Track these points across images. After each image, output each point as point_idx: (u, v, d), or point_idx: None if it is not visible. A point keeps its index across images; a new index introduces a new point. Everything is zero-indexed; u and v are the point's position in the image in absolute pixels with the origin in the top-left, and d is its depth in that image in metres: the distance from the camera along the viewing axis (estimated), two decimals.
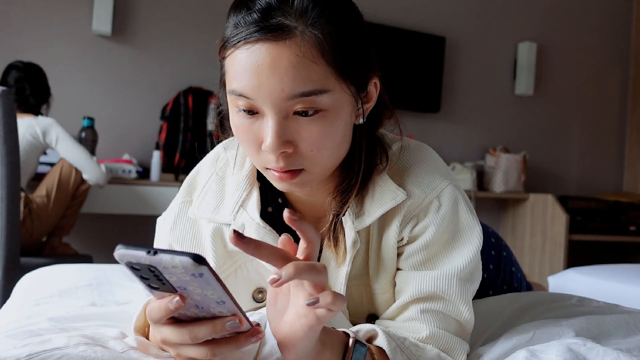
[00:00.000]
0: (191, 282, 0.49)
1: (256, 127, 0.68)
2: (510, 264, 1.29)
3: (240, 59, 0.65)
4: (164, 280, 0.50)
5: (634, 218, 3.81)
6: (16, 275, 1.58)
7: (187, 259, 0.47)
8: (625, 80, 4.44)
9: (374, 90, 0.75)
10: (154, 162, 2.78)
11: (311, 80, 0.64)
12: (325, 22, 0.65)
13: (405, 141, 0.82)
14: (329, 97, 0.66)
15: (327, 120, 0.67)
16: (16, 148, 1.84)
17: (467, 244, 0.76)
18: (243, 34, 0.65)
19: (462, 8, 3.88)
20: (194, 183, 0.87)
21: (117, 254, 0.48)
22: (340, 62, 0.66)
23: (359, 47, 0.70)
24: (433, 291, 0.74)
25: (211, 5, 3.17)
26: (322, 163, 0.70)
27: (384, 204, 0.75)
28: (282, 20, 0.64)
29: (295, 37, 0.64)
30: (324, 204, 0.78)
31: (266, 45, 0.64)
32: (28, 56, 2.86)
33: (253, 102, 0.66)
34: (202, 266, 0.47)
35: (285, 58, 0.63)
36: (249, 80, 0.65)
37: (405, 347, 0.70)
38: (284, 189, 0.75)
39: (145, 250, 0.48)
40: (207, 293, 0.51)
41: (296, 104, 0.65)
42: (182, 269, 0.48)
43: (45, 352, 0.62)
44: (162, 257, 0.47)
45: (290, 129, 0.66)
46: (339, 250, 0.77)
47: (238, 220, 0.80)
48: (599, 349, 0.70)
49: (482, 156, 3.87)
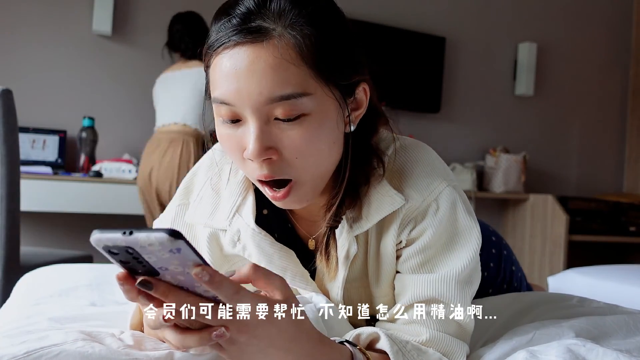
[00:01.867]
0: (171, 260, 0.48)
1: (239, 135, 0.67)
2: (510, 262, 1.29)
3: (221, 65, 0.65)
4: (143, 262, 0.49)
5: (634, 219, 3.81)
6: (16, 275, 1.58)
7: (163, 235, 0.45)
8: (625, 80, 4.43)
9: (363, 96, 0.73)
10: None
11: (290, 83, 0.63)
12: (304, 24, 0.64)
13: (401, 141, 0.80)
14: (310, 101, 0.65)
15: (310, 125, 0.65)
16: (16, 148, 1.84)
17: (466, 246, 0.76)
18: (222, 39, 0.64)
19: (462, 8, 3.88)
20: (191, 185, 0.86)
21: (93, 238, 0.47)
22: (320, 65, 0.65)
23: (341, 50, 0.68)
24: (432, 294, 0.74)
25: (211, 6, 3.16)
26: (310, 172, 0.69)
27: (382, 209, 0.75)
28: (260, 23, 0.64)
29: (272, 39, 0.63)
30: (320, 208, 0.78)
31: (244, 48, 0.63)
32: (29, 55, 2.86)
33: (234, 108, 0.65)
34: (178, 240, 0.46)
35: (263, 60, 0.63)
36: (229, 85, 0.64)
37: (407, 350, 0.70)
38: (283, 207, 0.74)
39: (121, 232, 0.46)
40: (190, 271, 0.49)
41: (276, 108, 0.64)
42: (159, 246, 0.46)
43: (43, 349, 0.61)
44: (138, 236, 0.46)
45: (272, 134, 0.65)
46: (330, 264, 0.77)
47: (233, 226, 0.79)
48: (598, 349, 0.70)
49: (482, 156, 3.87)
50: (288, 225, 0.84)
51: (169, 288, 0.51)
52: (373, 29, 3.49)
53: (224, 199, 0.82)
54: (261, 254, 0.79)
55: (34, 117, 2.82)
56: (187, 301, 0.52)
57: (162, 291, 0.51)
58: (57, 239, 2.91)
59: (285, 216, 0.84)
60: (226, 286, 0.51)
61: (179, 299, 0.51)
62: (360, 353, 0.66)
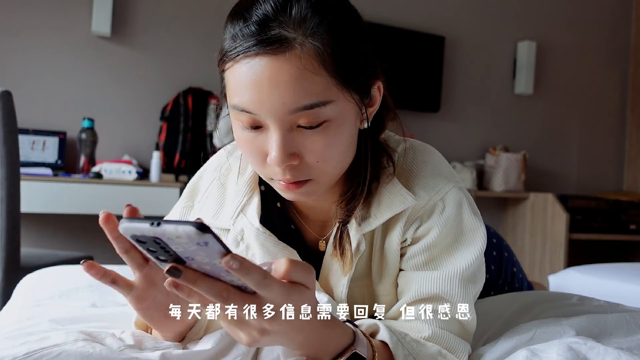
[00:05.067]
0: (197, 251, 0.49)
1: (260, 140, 0.67)
2: (511, 264, 1.29)
3: (240, 73, 0.64)
4: (170, 252, 0.50)
5: (634, 217, 3.81)
6: (17, 277, 1.58)
7: (191, 228, 0.46)
8: (625, 78, 4.43)
9: (378, 94, 0.73)
10: (153, 163, 2.78)
11: (313, 93, 0.63)
12: (325, 32, 0.63)
13: (409, 142, 0.81)
14: (332, 108, 0.65)
15: (332, 131, 0.66)
16: (16, 149, 1.84)
17: (470, 245, 0.76)
18: (242, 47, 0.63)
19: (462, 7, 3.88)
20: (196, 188, 0.87)
21: (121, 227, 0.48)
22: (342, 72, 0.65)
23: (360, 54, 0.68)
24: (435, 292, 0.74)
25: (211, 6, 3.17)
26: (329, 172, 0.70)
27: (392, 207, 0.75)
28: (280, 31, 0.62)
29: (294, 49, 0.62)
30: (330, 209, 0.78)
31: (265, 59, 0.62)
32: (28, 56, 2.86)
33: (256, 116, 0.65)
34: (206, 234, 0.46)
35: (286, 71, 0.62)
36: (250, 95, 0.63)
37: (406, 342, 0.70)
38: (291, 199, 0.74)
39: (149, 222, 0.47)
40: (215, 262, 0.50)
41: (299, 117, 0.64)
42: (186, 239, 0.47)
43: (44, 350, 0.62)
44: (166, 228, 0.47)
45: (294, 141, 0.65)
46: (345, 259, 0.77)
47: (237, 226, 0.80)
48: (599, 348, 0.70)
49: (482, 155, 3.87)
50: (291, 227, 0.85)
51: (197, 275, 0.51)
52: (372, 28, 3.48)
53: (229, 199, 0.82)
54: (265, 253, 0.79)
55: (33, 118, 2.82)
56: (216, 287, 0.52)
57: (190, 278, 0.51)
58: (57, 241, 2.91)
59: (289, 218, 0.84)
60: (254, 272, 0.51)
61: (208, 286, 0.51)
62: (362, 334, 0.66)
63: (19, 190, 1.87)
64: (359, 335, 0.65)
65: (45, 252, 2.27)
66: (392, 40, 3.58)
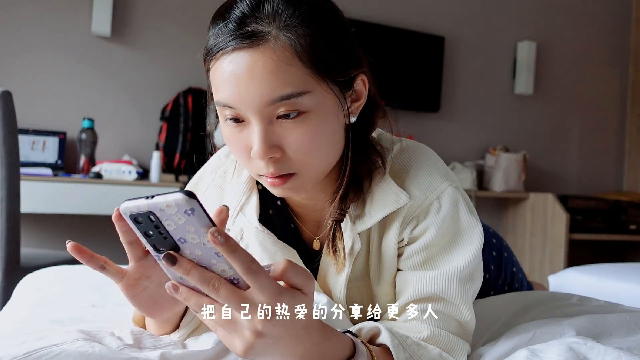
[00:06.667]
0: (186, 225, 0.50)
1: (244, 135, 0.68)
2: (511, 264, 1.29)
3: (221, 69, 0.67)
4: (165, 234, 0.52)
5: (634, 217, 3.80)
6: (17, 277, 1.58)
7: (179, 194, 0.49)
8: (625, 80, 4.43)
9: (363, 87, 0.74)
10: (153, 163, 2.78)
11: (289, 84, 0.65)
12: (298, 23, 0.65)
13: (404, 142, 0.81)
14: (310, 98, 0.66)
15: (312, 122, 0.67)
16: (16, 149, 1.84)
17: (467, 245, 0.76)
18: (220, 44, 0.66)
19: (462, 8, 3.88)
20: (196, 190, 0.87)
21: (122, 207, 0.52)
22: (317, 62, 0.66)
23: (337, 45, 0.69)
24: (433, 291, 0.74)
25: (211, 6, 3.16)
26: (314, 165, 0.70)
27: (386, 206, 0.75)
28: (255, 26, 0.65)
29: (268, 42, 0.64)
30: (324, 209, 0.78)
31: (242, 53, 0.65)
32: (28, 56, 2.86)
33: (237, 110, 0.67)
34: (192, 200, 0.49)
35: (261, 64, 0.64)
36: (230, 89, 0.66)
37: (407, 345, 0.70)
38: (278, 195, 0.75)
39: (145, 197, 0.51)
40: (204, 241, 0.51)
41: (278, 108, 0.66)
42: (175, 207, 0.49)
43: (43, 349, 0.62)
44: (158, 199, 0.50)
45: (275, 133, 0.67)
46: (338, 257, 0.77)
47: (236, 225, 0.80)
48: (599, 348, 0.70)
49: (482, 155, 3.87)
50: (291, 226, 0.85)
51: (191, 264, 0.53)
52: (372, 28, 3.49)
53: (228, 199, 0.83)
54: (264, 252, 0.79)
55: (33, 118, 2.82)
56: (207, 275, 0.53)
57: (185, 267, 0.52)
58: (57, 241, 2.91)
59: (289, 217, 0.85)
60: (241, 253, 0.51)
61: (200, 274, 0.53)
62: (363, 344, 0.66)
63: (19, 191, 1.87)
64: (359, 347, 0.65)
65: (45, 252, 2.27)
66: (392, 40, 3.58)
